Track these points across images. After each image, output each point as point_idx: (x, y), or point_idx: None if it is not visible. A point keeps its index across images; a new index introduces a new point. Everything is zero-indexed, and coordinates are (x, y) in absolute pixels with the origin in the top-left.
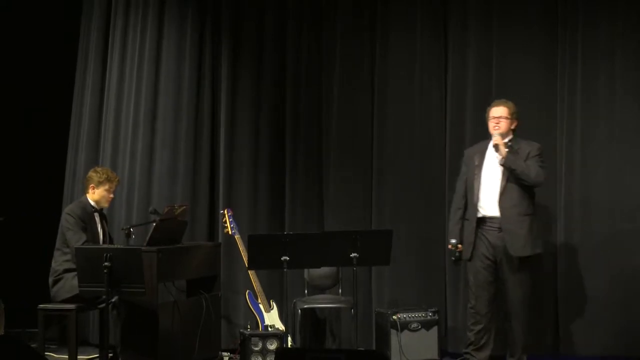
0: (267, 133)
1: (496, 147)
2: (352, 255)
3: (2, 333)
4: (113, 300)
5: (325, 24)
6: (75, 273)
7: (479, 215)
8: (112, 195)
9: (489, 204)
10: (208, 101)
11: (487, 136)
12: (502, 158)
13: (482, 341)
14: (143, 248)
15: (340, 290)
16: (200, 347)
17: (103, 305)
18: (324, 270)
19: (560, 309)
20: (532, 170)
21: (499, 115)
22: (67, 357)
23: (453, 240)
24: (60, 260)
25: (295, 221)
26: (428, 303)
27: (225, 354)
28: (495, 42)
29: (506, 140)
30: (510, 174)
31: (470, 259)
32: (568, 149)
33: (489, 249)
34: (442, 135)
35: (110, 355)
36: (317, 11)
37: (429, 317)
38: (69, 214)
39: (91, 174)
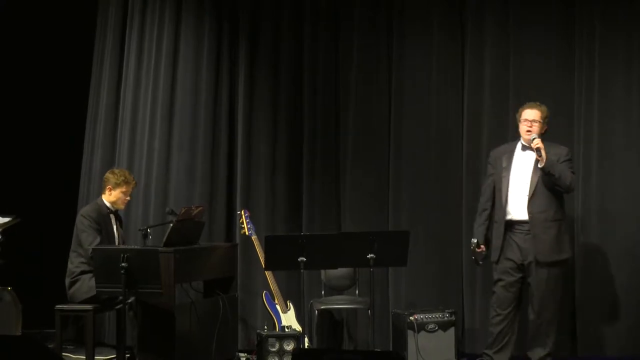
0: (284, 133)
1: (538, 150)
2: (369, 256)
3: (20, 333)
4: (130, 301)
5: (342, 25)
6: (92, 274)
7: (507, 218)
8: (128, 198)
9: (517, 207)
10: (225, 102)
11: (504, 135)
12: (543, 161)
13: (503, 342)
14: (160, 249)
15: (357, 291)
16: (217, 348)
17: (120, 306)
18: (341, 271)
19: (578, 311)
20: (568, 175)
21: (532, 119)
22: (84, 357)
23: (474, 240)
24: (76, 262)
25: (313, 222)
26: (445, 304)
27: (242, 354)
28: (512, 42)
29: None
30: (544, 179)
31: (497, 262)
32: (585, 152)
33: (517, 252)
34: (459, 135)
35: (128, 356)
36: (334, 12)
37: (446, 318)
38: (83, 216)
39: (108, 175)
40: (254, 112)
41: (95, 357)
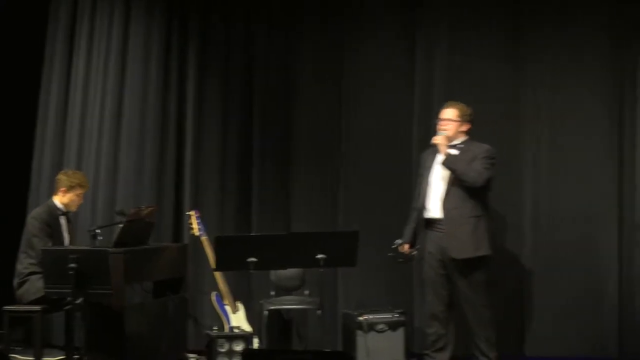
0: (234, 134)
1: (437, 146)
2: (319, 256)
3: None
4: (78, 301)
5: (294, 26)
6: (40, 275)
7: (427, 216)
8: (82, 200)
9: (434, 205)
10: (174, 102)
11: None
12: (443, 158)
13: (441, 343)
14: (110, 249)
15: (307, 292)
16: (167, 349)
17: (69, 306)
18: (291, 271)
19: (525, 311)
20: (472, 171)
21: (446, 117)
22: (32, 359)
23: (398, 240)
24: (25, 263)
25: (262, 222)
26: (395, 304)
27: (191, 355)
28: (462, 43)
29: (456, 142)
30: (454, 176)
31: (410, 259)
32: (535, 154)
33: (438, 249)
34: (409, 136)
35: (76, 357)
36: (286, 14)
37: (395, 318)
38: (34, 219)
39: (62, 176)
40: (204, 111)
41: (44, 359)
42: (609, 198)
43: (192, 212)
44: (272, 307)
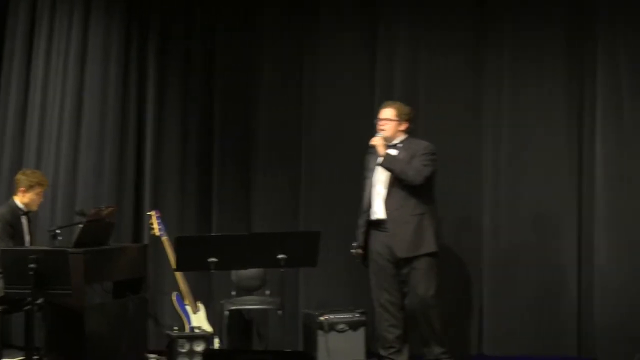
0: (194, 134)
1: (375, 147)
2: (280, 256)
3: None
4: (38, 302)
5: (254, 26)
6: (1, 275)
7: (373, 218)
8: (42, 199)
9: (378, 207)
10: (134, 103)
11: (414, 135)
12: (381, 159)
13: (398, 345)
14: (70, 250)
15: (267, 292)
16: (127, 349)
17: (29, 307)
18: (251, 271)
19: (485, 310)
20: (411, 169)
21: (384, 117)
22: None
23: (354, 244)
24: None
25: (223, 222)
26: (356, 304)
27: (152, 355)
28: (422, 42)
29: (396, 141)
30: (394, 176)
31: (367, 261)
32: (495, 154)
33: (385, 252)
34: (370, 136)
35: (36, 357)
36: (246, 13)
37: (356, 318)
38: None
39: (20, 176)
40: (164, 112)
41: (3, 359)
42: (569, 198)
43: (152, 212)
44: (233, 307)
